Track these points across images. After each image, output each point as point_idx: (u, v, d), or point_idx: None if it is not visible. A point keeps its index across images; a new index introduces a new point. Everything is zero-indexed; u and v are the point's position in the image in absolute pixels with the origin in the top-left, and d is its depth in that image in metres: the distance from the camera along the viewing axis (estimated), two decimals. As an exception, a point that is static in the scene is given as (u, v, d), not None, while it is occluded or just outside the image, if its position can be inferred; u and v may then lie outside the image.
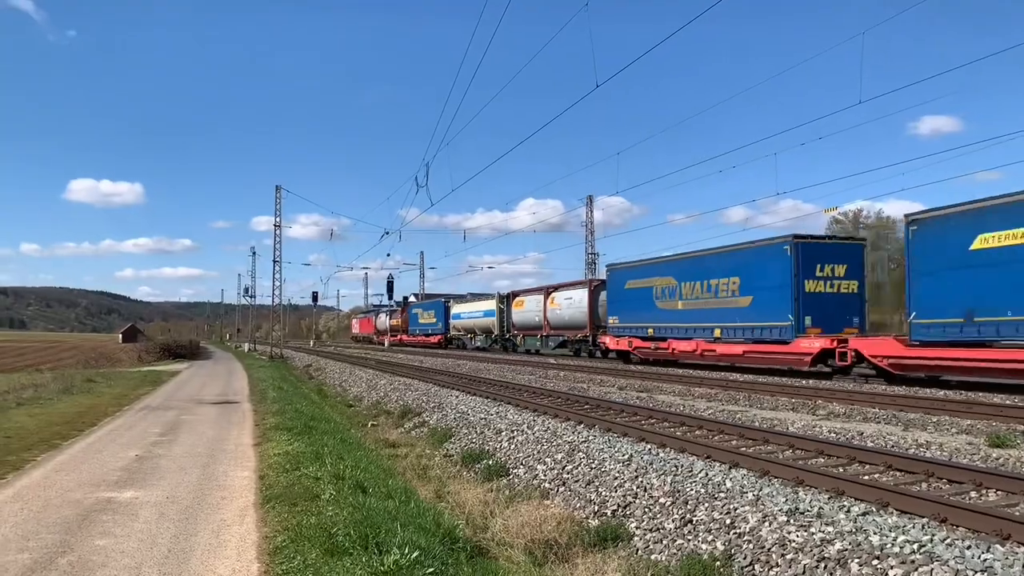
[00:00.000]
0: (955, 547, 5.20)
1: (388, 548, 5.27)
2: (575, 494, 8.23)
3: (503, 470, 9.87)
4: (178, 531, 6.32)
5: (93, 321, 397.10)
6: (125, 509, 7.11)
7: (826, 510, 6.28)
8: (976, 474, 7.46)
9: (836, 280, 22.99)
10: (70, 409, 16.79)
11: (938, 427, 11.82)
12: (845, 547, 5.39)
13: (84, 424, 13.99)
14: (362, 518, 6.04)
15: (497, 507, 7.82)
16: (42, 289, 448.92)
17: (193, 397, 20.52)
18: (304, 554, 5.38)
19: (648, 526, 6.85)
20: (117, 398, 19.99)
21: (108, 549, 5.77)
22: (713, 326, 25.87)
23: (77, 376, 28.32)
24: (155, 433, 12.72)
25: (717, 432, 11.14)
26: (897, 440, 10.54)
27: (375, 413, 17.61)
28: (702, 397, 17.45)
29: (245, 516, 6.87)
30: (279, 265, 51.06)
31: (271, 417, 14.25)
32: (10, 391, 21.43)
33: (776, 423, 12.45)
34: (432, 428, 13.93)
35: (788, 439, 9.98)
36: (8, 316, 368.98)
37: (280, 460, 9.37)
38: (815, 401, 15.37)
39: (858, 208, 59.21)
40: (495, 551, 6.50)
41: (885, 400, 14.86)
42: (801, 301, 22.45)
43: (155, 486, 8.22)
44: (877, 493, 6.73)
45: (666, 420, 12.52)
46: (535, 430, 11.65)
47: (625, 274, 31.95)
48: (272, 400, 17.89)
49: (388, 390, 21.38)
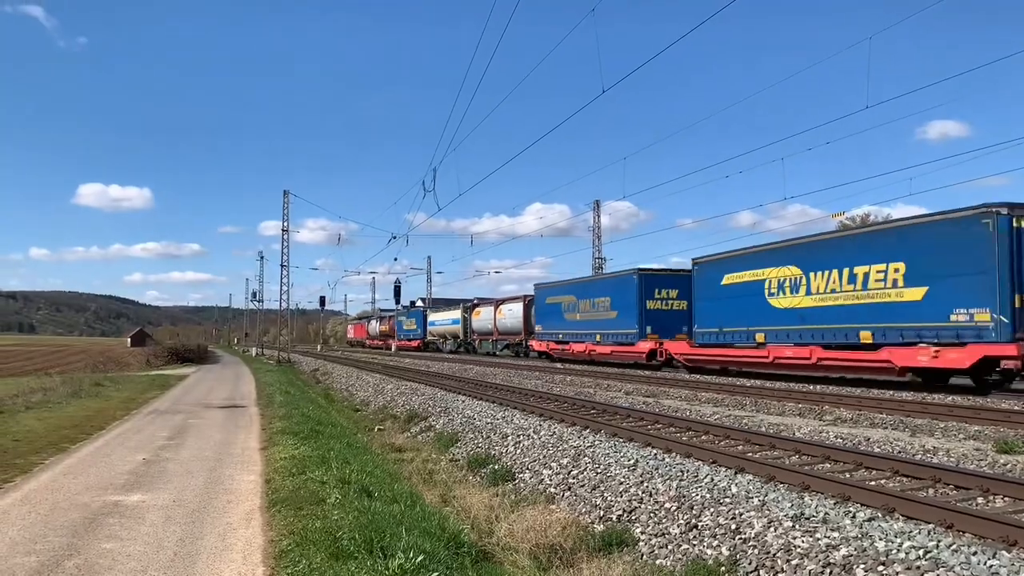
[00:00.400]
0: (961, 553, 5.19)
1: (393, 552, 5.29)
2: (581, 499, 8.23)
3: (509, 475, 9.87)
4: (184, 534, 6.35)
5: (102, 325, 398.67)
6: (132, 512, 7.15)
7: (832, 516, 6.27)
8: (983, 480, 7.42)
9: (670, 300, 31.49)
10: (78, 413, 16.87)
11: (945, 433, 11.77)
12: (850, 553, 5.38)
13: (92, 428, 14.06)
14: (367, 522, 6.06)
15: (502, 512, 7.83)
16: (51, 293, 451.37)
17: (201, 401, 20.59)
18: (309, 558, 5.39)
19: (653, 531, 6.84)
20: (125, 402, 20.08)
21: (114, 552, 5.80)
22: (595, 332, 35.08)
23: (86, 380, 28.42)
24: (163, 437, 12.77)
25: (723, 437, 11.11)
26: (904, 446, 10.50)
27: (381, 417, 17.64)
28: (708, 402, 17.42)
29: (251, 520, 6.89)
30: (287, 270, 51.31)
31: (278, 421, 14.30)
32: (19, 395, 21.53)
33: (783, 428, 12.42)
34: (438, 432, 13.95)
35: (794, 444, 9.95)
36: (18, 320, 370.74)
37: (286, 464, 9.40)
38: (822, 406, 15.32)
39: (865, 213, 58.95)
40: (500, 556, 6.51)
41: (892, 406, 14.80)
42: (644, 315, 31.22)
43: (162, 490, 8.26)
44: (883, 499, 6.71)
45: (672, 425, 12.50)
46: (541, 435, 11.65)
47: (546, 292, 41.58)
48: (279, 404, 17.94)
49: (395, 394, 21.41)
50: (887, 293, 19.36)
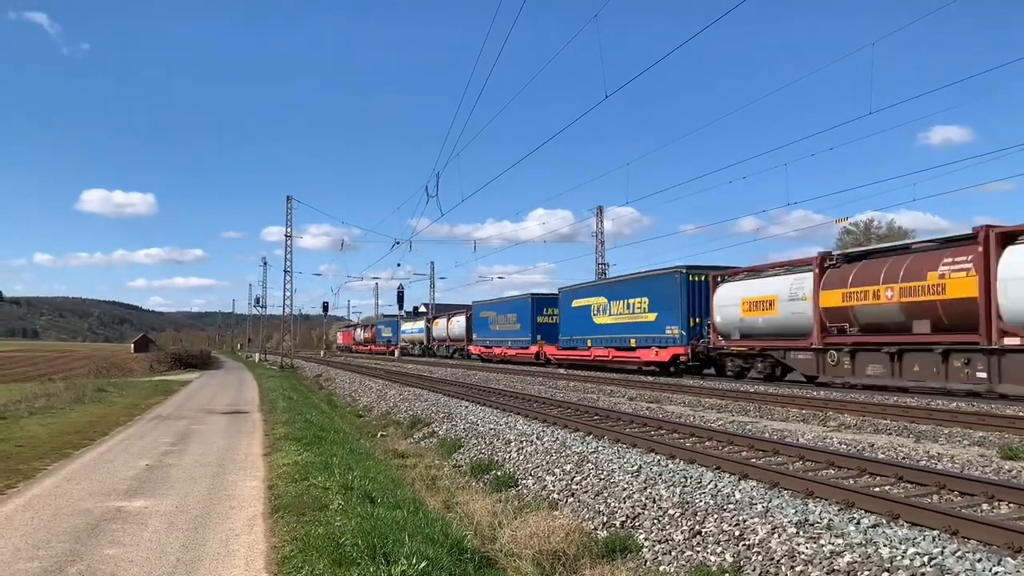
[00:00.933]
0: (966, 560, 5.17)
1: (396, 558, 5.28)
2: (584, 505, 8.22)
3: (512, 481, 9.86)
4: (187, 540, 6.35)
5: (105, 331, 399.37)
6: (135, 518, 7.14)
7: (836, 522, 6.25)
8: (988, 486, 7.40)
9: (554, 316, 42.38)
10: (82, 418, 16.88)
11: (950, 439, 11.73)
12: (855, 559, 5.36)
13: (96, 433, 14.07)
14: (370, 528, 6.05)
15: (505, 518, 7.81)
16: (55, 299, 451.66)
17: (204, 407, 20.60)
18: (312, 564, 5.38)
19: (657, 537, 6.83)
20: (129, 408, 20.09)
21: (117, 558, 5.80)
22: (507, 339, 48.32)
23: (89, 386, 28.48)
24: (166, 443, 12.78)
25: (727, 443, 11.09)
26: (908, 452, 10.47)
27: (384, 423, 17.64)
28: (712, 408, 17.39)
29: (254, 526, 6.89)
30: (290, 275, 51.41)
31: (281, 427, 14.29)
32: (23, 400, 21.59)
33: (786, 434, 12.39)
34: (441, 438, 13.94)
35: (798, 450, 9.93)
36: (21, 326, 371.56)
37: (289, 470, 9.39)
38: (826, 412, 15.29)
39: (869, 219, 59.12)
40: (503, 562, 6.49)
41: (897, 412, 14.76)
42: (536, 328, 44.54)
43: (165, 495, 8.26)
44: (887, 505, 6.69)
45: (675, 431, 12.48)
46: (544, 441, 11.63)
47: (480, 308, 55.26)
48: (282, 410, 17.94)
49: (398, 400, 21.41)
50: (641, 316, 31.59)
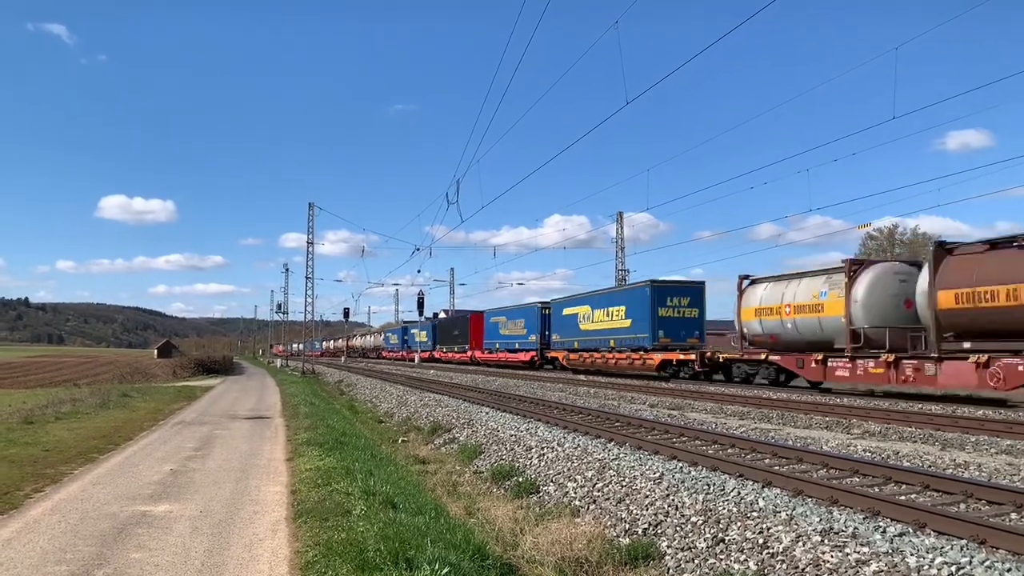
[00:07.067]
0: (995, 569, 5.09)
1: (418, 564, 5.29)
2: (606, 512, 8.18)
3: (533, 487, 9.84)
4: (211, 545, 6.40)
5: (129, 336, 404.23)
6: (160, 523, 7.21)
7: (861, 530, 6.18)
8: (1017, 495, 7.28)
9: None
10: (107, 423, 17.08)
11: (977, 447, 11.57)
12: (881, 568, 5.30)
13: (120, 438, 14.23)
14: (392, 534, 6.06)
15: (527, 524, 7.81)
16: (80, 305, 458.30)
17: (226, 412, 20.76)
18: (335, 569, 5.41)
19: (680, 545, 6.78)
20: (152, 413, 20.31)
21: (143, 562, 5.86)
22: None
23: (113, 391, 28.81)
24: (189, 448, 12.89)
25: (750, 451, 11.01)
26: (934, 460, 10.34)
27: (405, 429, 17.67)
28: (734, 415, 17.27)
29: (277, 530, 6.93)
30: (311, 282, 51.72)
31: (303, 432, 14.37)
32: (49, 405, 21.87)
33: (810, 442, 12.28)
34: (462, 444, 13.94)
35: (822, 458, 9.83)
36: (47, 332, 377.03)
37: (312, 475, 9.44)
38: (850, 420, 15.14)
39: (893, 224, 58.67)
40: (525, 569, 6.49)
41: (921, 419, 14.58)
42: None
43: (189, 500, 8.33)
44: (914, 513, 6.61)
45: (698, 438, 12.41)
46: (565, 447, 11.60)
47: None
48: (304, 416, 18.04)
49: (418, 406, 21.44)
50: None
